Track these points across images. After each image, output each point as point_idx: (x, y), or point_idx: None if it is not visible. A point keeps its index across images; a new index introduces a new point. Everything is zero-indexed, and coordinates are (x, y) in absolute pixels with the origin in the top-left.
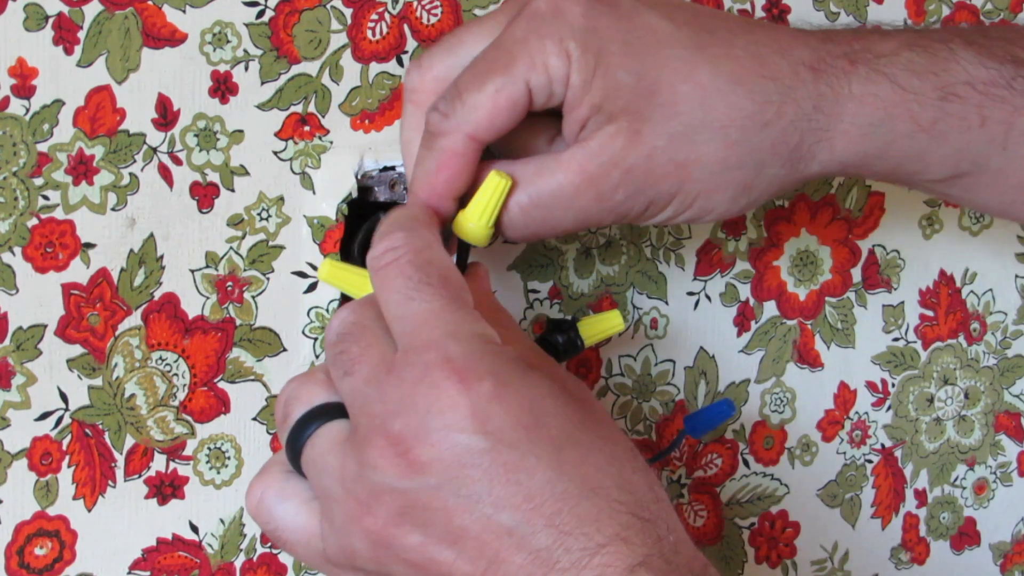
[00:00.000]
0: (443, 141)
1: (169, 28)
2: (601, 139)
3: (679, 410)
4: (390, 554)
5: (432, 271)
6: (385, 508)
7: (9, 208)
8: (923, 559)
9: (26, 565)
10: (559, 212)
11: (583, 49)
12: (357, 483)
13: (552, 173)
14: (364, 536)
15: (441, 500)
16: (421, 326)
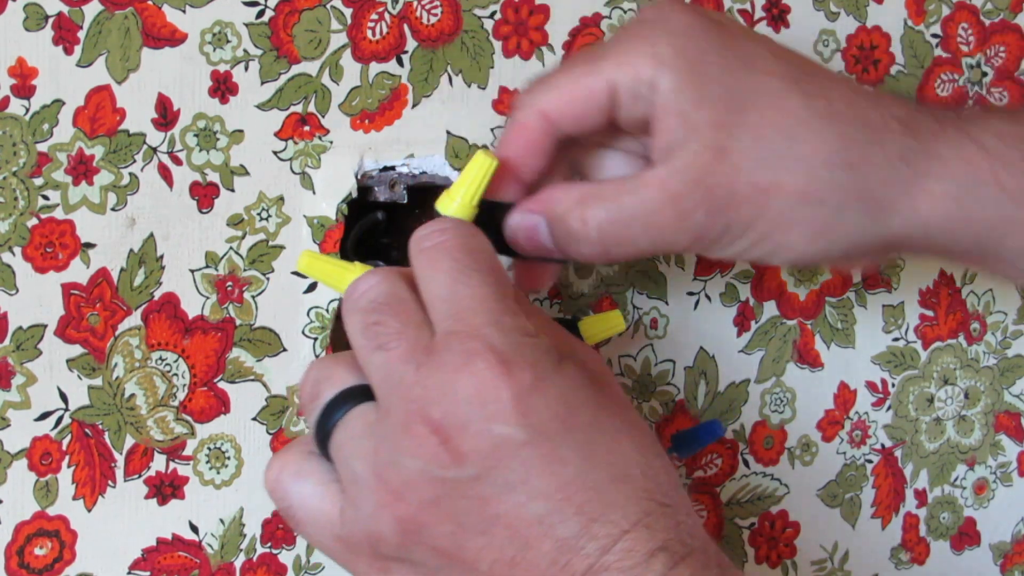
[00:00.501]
0: (518, 114)
1: (169, 28)
2: (685, 156)
3: (679, 410)
4: (418, 541)
5: (481, 258)
6: (419, 496)
7: (9, 208)
8: (923, 559)
9: (26, 565)
10: (636, 230)
11: (678, 54)
12: (390, 469)
13: (634, 190)
14: (393, 523)
15: (477, 490)
16: (466, 311)
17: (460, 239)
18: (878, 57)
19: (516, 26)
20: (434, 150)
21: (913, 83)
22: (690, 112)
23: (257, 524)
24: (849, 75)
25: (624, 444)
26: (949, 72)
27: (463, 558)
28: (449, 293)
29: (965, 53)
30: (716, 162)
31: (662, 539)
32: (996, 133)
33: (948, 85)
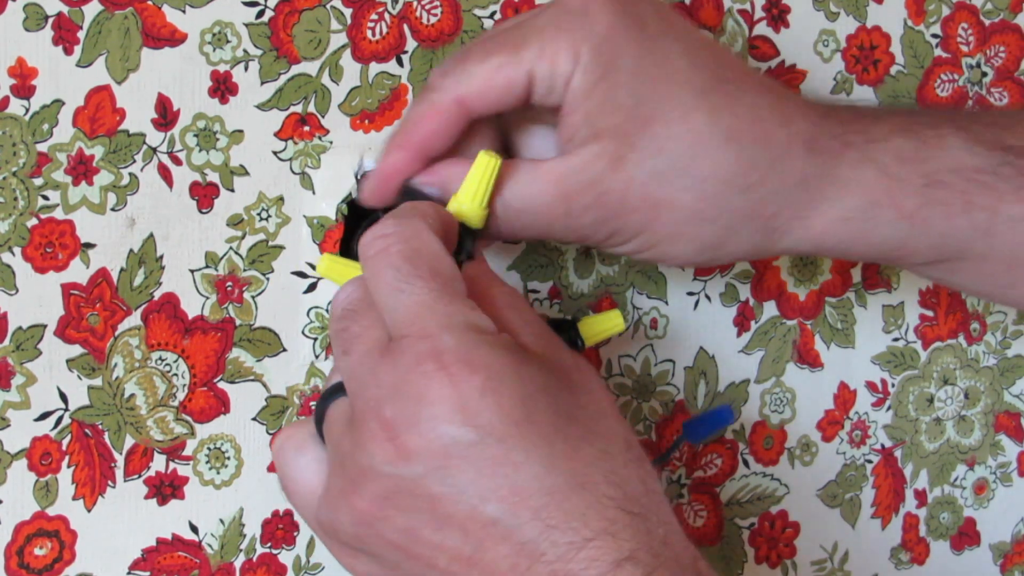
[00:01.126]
0: (434, 96)
1: (169, 28)
2: (584, 156)
3: (679, 410)
4: (372, 534)
5: (421, 262)
6: (371, 490)
7: (9, 208)
8: (923, 559)
9: (26, 565)
10: (527, 217)
11: (594, 56)
12: (349, 460)
13: (531, 180)
14: (349, 512)
15: (426, 488)
16: (413, 318)
17: (399, 244)
18: (878, 57)
19: None
20: None
21: (913, 83)
22: (596, 116)
23: (257, 524)
24: (849, 75)
25: (588, 451)
26: (949, 72)
27: (418, 554)
28: (394, 303)
29: (965, 53)
30: (612, 170)
31: (629, 549)
32: (897, 153)
33: (948, 85)
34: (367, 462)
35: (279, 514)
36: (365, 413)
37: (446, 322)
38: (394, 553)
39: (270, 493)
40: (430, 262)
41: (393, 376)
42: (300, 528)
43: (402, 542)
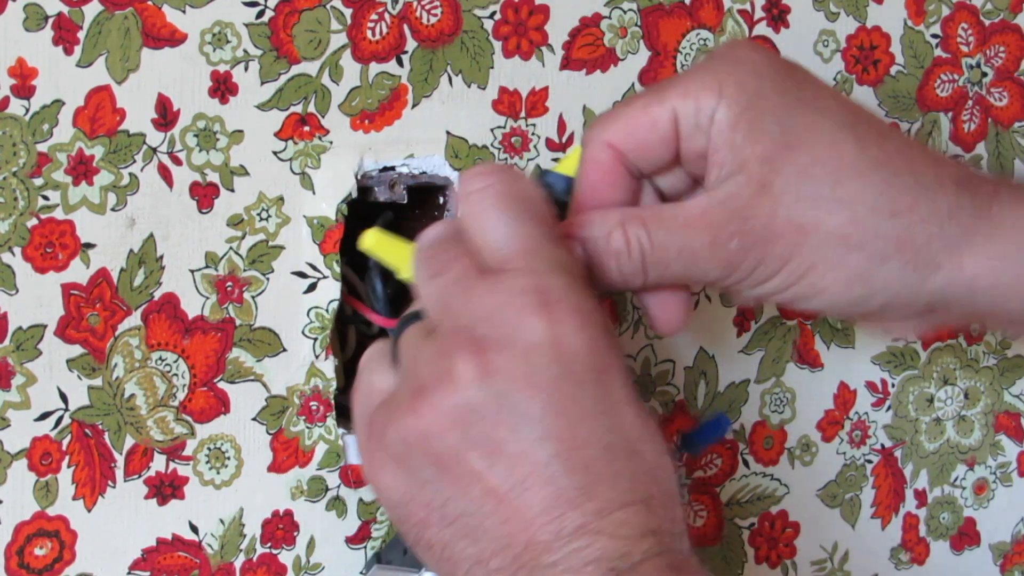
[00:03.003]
0: (588, 149)
1: (169, 28)
2: (729, 187)
3: (679, 410)
4: (420, 445)
5: (527, 204)
6: (441, 398)
7: (9, 208)
8: (923, 559)
9: (26, 565)
10: (671, 254)
11: (738, 88)
12: (426, 369)
13: (673, 215)
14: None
15: (496, 410)
16: (519, 253)
17: (507, 183)
18: (878, 57)
19: (516, 26)
20: (434, 150)
21: (913, 83)
22: (742, 145)
23: (257, 524)
24: (849, 75)
25: (643, 428)
26: (949, 72)
27: (457, 476)
28: (500, 237)
29: (965, 53)
30: (758, 196)
31: (657, 524)
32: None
33: (948, 85)
34: (446, 372)
35: (279, 514)
36: (455, 329)
37: (553, 263)
38: (431, 469)
39: (270, 493)
40: (535, 205)
41: (492, 299)
42: (300, 528)
43: (447, 460)
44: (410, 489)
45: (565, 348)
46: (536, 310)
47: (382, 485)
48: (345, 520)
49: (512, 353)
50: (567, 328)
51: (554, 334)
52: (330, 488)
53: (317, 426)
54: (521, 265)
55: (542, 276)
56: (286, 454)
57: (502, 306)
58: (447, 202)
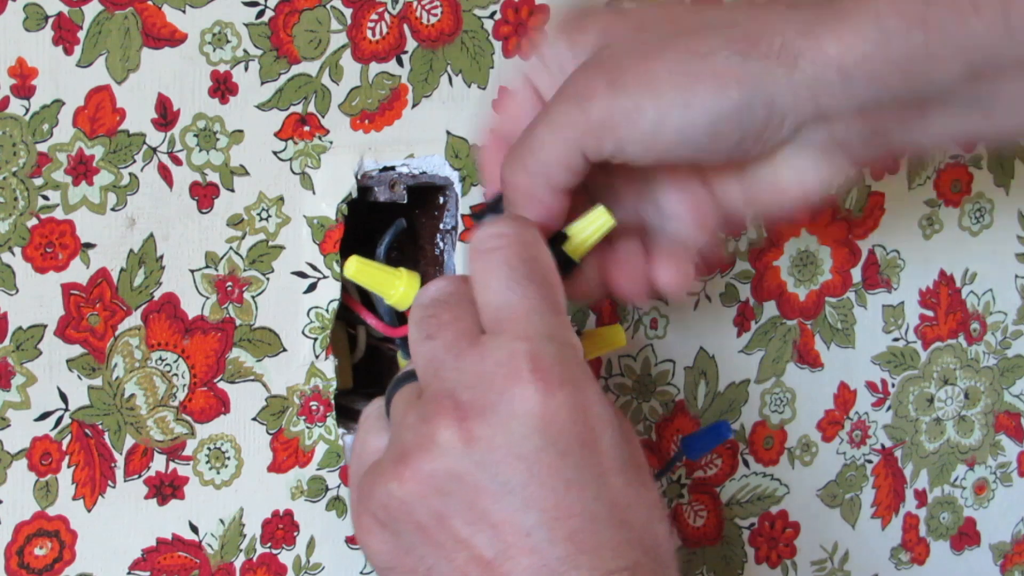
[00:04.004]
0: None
1: (169, 28)
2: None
3: (679, 410)
4: (404, 510)
5: (537, 268)
6: (421, 464)
7: (9, 208)
8: (923, 559)
9: (26, 565)
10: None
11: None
12: (409, 433)
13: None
14: (391, 482)
15: (477, 478)
16: (517, 318)
17: (518, 247)
18: None
19: (516, 26)
20: (434, 150)
21: None
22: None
23: (257, 524)
24: None
25: (634, 495)
26: None
27: (441, 543)
28: (502, 300)
29: None
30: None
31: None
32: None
33: None
34: (428, 438)
35: (279, 514)
36: (439, 393)
37: (550, 332)
38: (416, 536)
39: (270, 493)
40: (544, 271)
41: (480, 366)
42: (300, 528)
43: (430, 526)
44: (396, 554)
45: (551, 419)
46: (524, 378)
47: (369, 549)
48: (345, 520)
49: (495, 421)
50: (555, 400)
51: (541, 404)
52: (330, 488)
53: (317, 426)
54: (517, 331)
55: (535, 343)
56: (286, 454)
57: (490, 373)
58: (447, 202)
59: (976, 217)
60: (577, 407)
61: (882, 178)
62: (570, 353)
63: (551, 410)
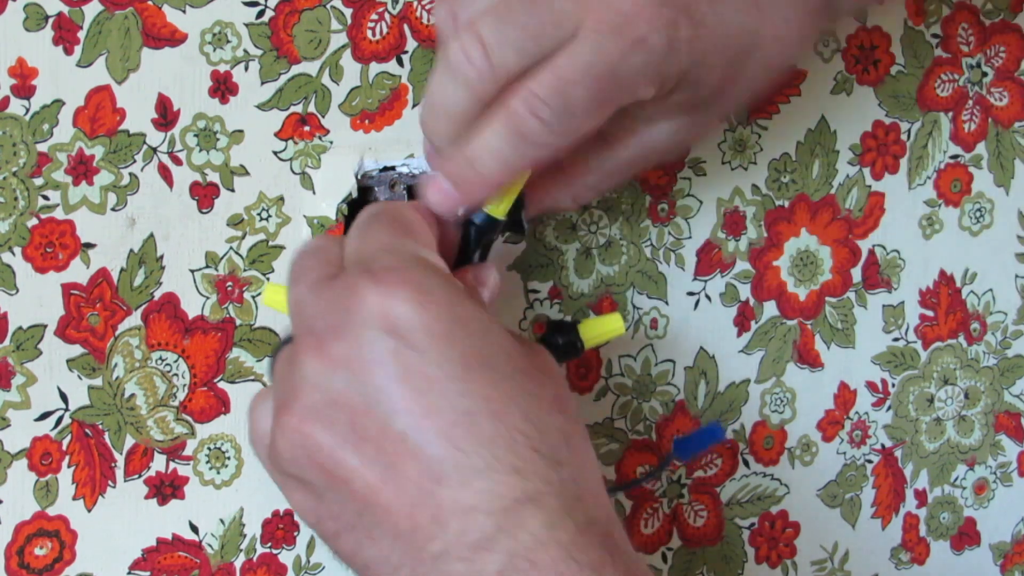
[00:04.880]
0: None
1: (169, 28)
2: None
3: (679, 410)
4: (302, 455)
5: (385, 214)
6: (301, 403)
7: (9, 208)
8: (923, 559)
9: (26, 565)
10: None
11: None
12: (285, 381)
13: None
14: (283, 434)
15: (348, 397)
16: (364, 251)
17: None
18: (878, 57)
19: None
20: None
21: (913, 83)
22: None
23: (257, 524)
24: (849, 75)
25: (510, 386)
26: (949, 72)
27: (342, 477)
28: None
29: (965, 53)
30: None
31: (534, 490)
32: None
33: (948, 85)
34: (298, 376)
35: (279, 514)
36: (301, 331)
37: (390, 249)
38: (322, 478)
39: (270, 493)
40: (393, 213)
41: (331, 294)
42: (300, 528)
43: (327, 464)
44: (315, 505)
45: (397, 318)
46: (364, 288)
47: (298, 510)
48: None
49: (349, 336)
50: (394, 301)
51: (382, 307)
52: None
53: None
54: (362, 259)
55: (375, 260)
56: None
57: (338, 296)
58: None
59: (976, 217)
60: (423, 305)
61: (882, 178)
62: (414, 262)
63: (395, 309)
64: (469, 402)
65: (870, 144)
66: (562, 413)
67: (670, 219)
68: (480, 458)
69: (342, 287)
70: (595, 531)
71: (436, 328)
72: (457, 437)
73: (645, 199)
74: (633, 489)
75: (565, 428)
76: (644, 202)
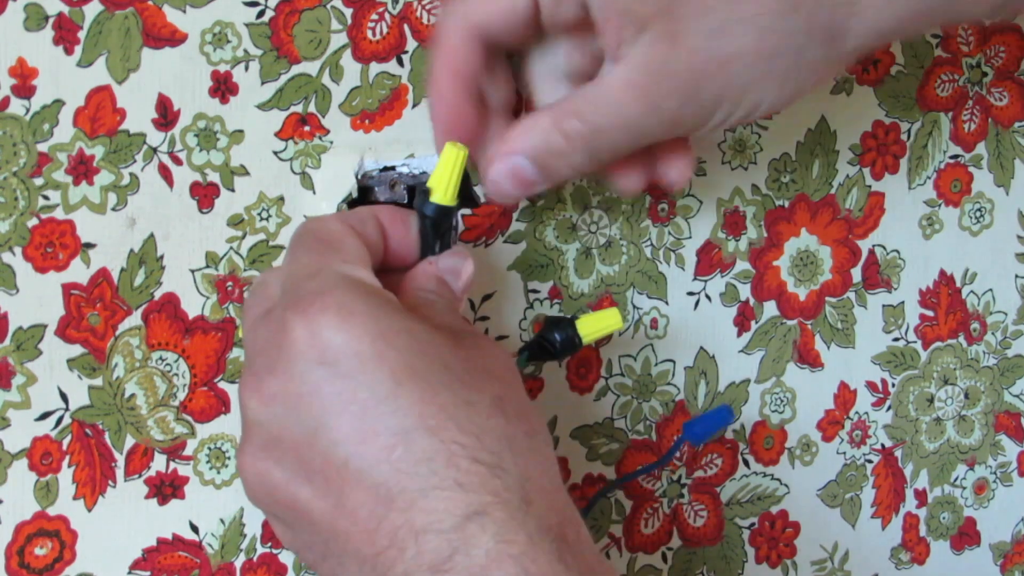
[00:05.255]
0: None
1: (169, 28)
2: (641, 49)
3: (679, 410)
4: (266, 494)
5: (308, 235)
6: (250, 442)
7: (9, 208)
8: (923, 559)
9: (26, 565)
10: (616, 133)
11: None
12: (241, 421)
13: (602, 95)
14: (244, 474)
15: (289, 431)
16: (289, 275)
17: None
18: (878, 57)
19: None
20: (434, 150)
21: (913, 83)
22: (633, 7)
23: (257, 524)
24: (849, 75)
25: (446, 397)
26: (949, 72)
27: (301, 511)
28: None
29: (965, 53)
30: (671, 48)
31: (479, 503)
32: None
33: (948, 85)
34: (245, 416)
35: None
36: (244, 370)
37: (313, 272)
38: (284, 512)
39: None
40: (316, 231)
41: (265, 332)
42: None
43: (283, 498)
44: (291, 538)
45: (324, 348)
46: (292, 321)
47: (281, 541)
48: None
49: (280, 370)
50: (322, 329)
51: (310, 336)
52: None
53: None
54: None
55: (299, 288)
56: None
57: (270, 333)
58: None
59: (976, 217)
60: (349, 328)
61: (882, 178)
62: (336, 281)
63: (319, 337)
64: (402, 420)
65: (870, 144)
66: (503, 415)
67: (670, 219)
68: (421, 477)
69: (273, 322)
70: (549, 537)
71: (362, 350)
72: (396, 459)
73: (645, 199)
74: (637, 485)
75: (507, 431)
76: (644, 202)
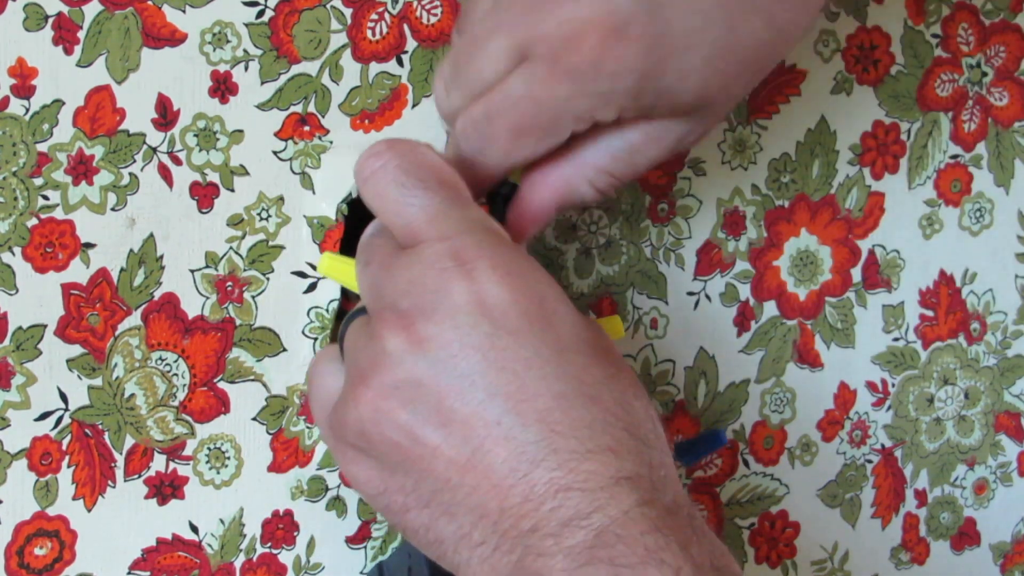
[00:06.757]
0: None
1: (169, 28)
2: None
3: (679, 410)
4: (375, 430)
5: (425, 172)
6: (380, 380)
7: (9, 208)
8: (923, 559)
9: (26, 565)
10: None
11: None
12: (362, 355)
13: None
14: (356, 406)
15: (436, 378)
16: (426, 224)
17: (398, 159)
18: (878, 57)
19: None
20: None
21: (913, 83)
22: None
23: (257, 524)
24: (849, 75)
25: (599, 370)
26: (949, 72)
27: (418, 455)
28: (402, 216)
29: (965, 53)
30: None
31: (630, 470)
32: None
33: (948, 85)
34: (380, 352)
35: (279, 514)
36: (381, 310)
37: (464, 224)
38: (395, 453)
39: (270, 493)
40: (434, 171)
41: (410, 273)
42: (300, 528)
43: (403, 441)
44: (383, 478)
45: (490, 304)
46: (453, 273)
47: (358, 480)
48: (345, 520)
49: (439, 318)
50: (487, 284)
51: (475, 292)
52: (330, 488)
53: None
54: (432, 234)
55: (453, 239)
56: (286, 454)
57: (420, 276)
58: None
59: (976, 217)
60: (515, 287)
61: (882, 178)
62: (491, 239)
63: (489, 294)
64: (564, 385)
65: (870, 144)
66: (641, 396)
67: (670, 219)
68: (578, 441)
69: (423, 265)
70: (682, 512)
71: (531, 311)
72: (555, 422)
73: (645, 199)
74: None
75: (647, 409)
76: (644, 202)
